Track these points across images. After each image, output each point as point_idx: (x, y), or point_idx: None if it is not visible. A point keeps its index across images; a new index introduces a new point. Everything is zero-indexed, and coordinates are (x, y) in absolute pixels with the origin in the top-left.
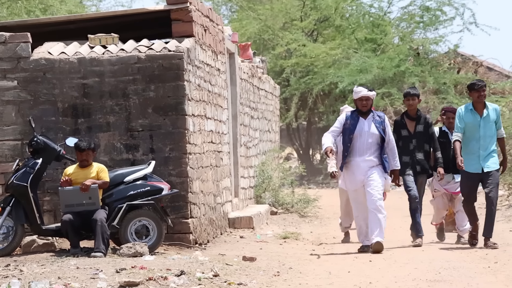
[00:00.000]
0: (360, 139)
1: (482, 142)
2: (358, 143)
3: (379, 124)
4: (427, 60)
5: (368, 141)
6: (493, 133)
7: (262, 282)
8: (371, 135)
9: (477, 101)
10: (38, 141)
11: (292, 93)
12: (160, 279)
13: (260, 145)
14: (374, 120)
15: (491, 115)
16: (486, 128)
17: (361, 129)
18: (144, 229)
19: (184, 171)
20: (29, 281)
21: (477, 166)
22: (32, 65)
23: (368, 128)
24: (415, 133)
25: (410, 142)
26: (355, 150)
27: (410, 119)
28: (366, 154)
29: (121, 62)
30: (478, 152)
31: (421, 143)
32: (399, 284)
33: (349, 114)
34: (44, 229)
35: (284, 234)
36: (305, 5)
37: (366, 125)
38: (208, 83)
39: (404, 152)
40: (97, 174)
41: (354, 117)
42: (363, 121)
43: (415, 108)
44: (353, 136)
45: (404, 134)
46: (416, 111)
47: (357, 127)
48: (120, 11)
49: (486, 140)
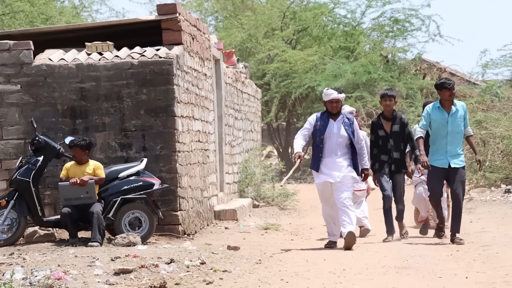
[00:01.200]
0: (330, 140)
1: (449, 138)
2: (328, 144)
3: (348, 126)
4: (395, 66)
5: (337, 143)
6: (460, 130)
7: (245, 269)
8: (340, 137)
9: (447, 99)
10: (39, 140)
11: (273, 96)
12: (152, 267)
13: (243, 143)
14: (343, 122)
15: (459, 111)
16: (453, 125)
17: (330, 131)
18: (137, 221)
19: (173, 167)
20: (31, 268)
21: (444, 161)
22: (34, 70)
23: (338, 130)
24: (391, 133)
25: (388, 141)
26: (326, 151)
27: (386, 119)
28: (336, 155)
29: (115, 68)
30: (446, 148)
31: (397, 143)
32: (370, 271)
33: (319, 115)
34: (45, 221)
35: (265, 225)
36: (285, 16)
37: (336, 127)
38: (195, 87)
39: (383, 151)
40: (93, 171)
41: (324, 119)
42: (332, 123)
43: (391, 108)
44: (324, 137)
45: (381, 134)
46: (392, 111)
47: (327, 128)
48: (114, 21)
49: (454, 136)
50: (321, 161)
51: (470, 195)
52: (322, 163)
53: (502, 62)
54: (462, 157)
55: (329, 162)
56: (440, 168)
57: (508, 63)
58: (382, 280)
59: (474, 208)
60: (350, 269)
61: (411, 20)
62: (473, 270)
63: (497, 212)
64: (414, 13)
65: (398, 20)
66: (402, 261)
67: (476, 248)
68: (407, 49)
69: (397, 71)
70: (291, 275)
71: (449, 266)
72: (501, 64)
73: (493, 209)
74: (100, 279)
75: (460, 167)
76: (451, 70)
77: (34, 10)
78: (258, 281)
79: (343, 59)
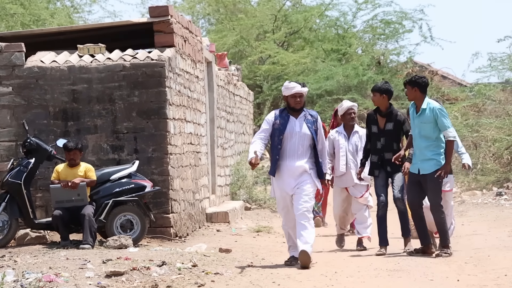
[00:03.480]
0: (291, 141)
1: (417, 142)
2: (289, 145)
3: (311, 124)
4: (387, 69)
5: (299, 143)
6: (430, 134)
7: (237, 271)
8: (303, 136)
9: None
10: (31, 142)
11: (265, 98)
12: (143, 269)
13: (235, 146)
14: (306, 120)
15: (427, 114)
16: (420, 127)
17: (292, 129)
18: (128, 223)
19: (165, 170)
20: (22, 270)
21: (415, 166)
22: (26, 72)
23: (300, 128)
24: (384, 131)
25: (378, 140)
26: (286, 153)
27: (381, 115)
28: (298, 157)
29: (107, 70)
30: (416, 152)
31: (389, 142)
32: (362, 273)
33: (277, 112)
34: (36, 223)
35: (257, 228)
36: (277, 19)
37: (298, 124)
38: (187, 89)
39: (373, 151)
40: (85, 173)
41: (284, 116)
42: (294, 121)
43: (381, 104)
44: (283, 137)
45: (373, 131)
46: (387, 107)
47: (287, 127)
48: (106, 23)
49: (420, 141)
50: (279, 165)
51: (462, 198)
52: (280, 168)
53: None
54: (433, 162)
55: (288, 167)
56: (412, 173)
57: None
58: (373, 282)
59: (466, 211)
60: (342, 272)
61: (403, 22)
62: (465, 273)
63: (489, 215)
64: (406, 16)
65: (389, 22)
66: (394, 264)
67: (468, 251)
68: (399, 51)
69: (389, 74)
70: (283, 277)
71: (441, 269)
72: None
73: (485, 212)
74: (91, 281)
75: (428, 173)
76: (443, 73)
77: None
78: (250, 284)
79: (335, 61)
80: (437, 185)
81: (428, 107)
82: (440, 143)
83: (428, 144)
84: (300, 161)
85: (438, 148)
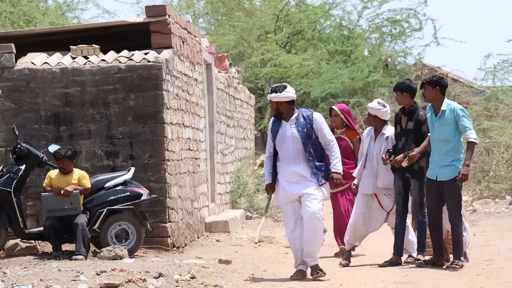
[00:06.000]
0: (284, 146)
1: (436, 146)
2: (284, 150)
3: (302, 127)
4: (395, 71)
5: (292, 147)
6: (450, 138)
7: (237, 284)
8: (293, 140)
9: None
10: (21, 148)
11: (267, 102)
12: (139, 281)
13: (236, 152)
14: (297, 123)
15: (447, 116)
16: (440, 131)
17: (283, 134)
18: (123, 233)
19: (162, 177)
20: (12, 283)
21: (433, 172)
22: (16, 74)
23: (290, 132)
24: (405, 131)
25: (400, 139)
26: (282, 159)
27: (404, 113)
28: (294, 161)
29: (102, 72)
30: (434, 157)
31: (409, 143)
32: (368, 286)
33: (274, 118)
34: (27, 233)
35: (258, 237)
36: (278, 19)
37: (288, 128)
38: (186, 92)
39: (396, 151)
40: (78, 180)
41: (277, 122)
42: (285, 125)
43: (403, 103)
44: (275, 143)
45: (397, 130)
46: (409, 105)
47: (279, 132)
48: (101, 23)
49: (440, 145)
50: (278, 171)
51: (474, 207)
52: (279, 174)
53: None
54: (453, 168)
55: (286, 171)
56: (430, 179)
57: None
58: None
59: (478, 221)
60: (348, 284)
61: (409, 20)
62: (477, 286)
63: (502, 224)
64: (412, 13)
65: (396, 21)
66: (402, 275)
67: (480, 262)
68: (408, 52)
69: (398, 76)
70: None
71: (451, 282)
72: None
73: (498, 222)
74: None
75: (447, 180)
76: (453, 76)
77: (16, 11)
78: None
79: (340, 63)
80: (456, 193)
81: (449, 108)
82: (460, 148)
83: (448, 148)
84: (296, 166)
85: (458, 153)
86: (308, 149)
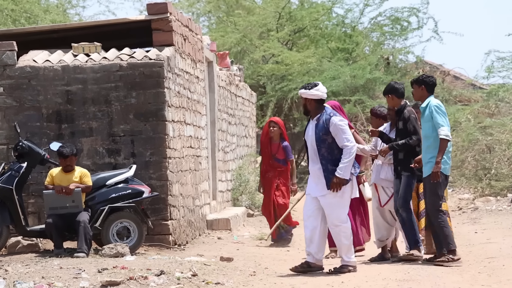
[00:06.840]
0: (308, 144)
1: (422, 143)
2: (308, 148)
3: (320, 129)
4: (397, 69)
5: (310, 147)
6: (429, 134)
7: (239, 281)
8: (312, 140)
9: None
10: (23, 145)
11: (268, 99)
12: (141, 279)
13: (237, 150)
14: (317, 124)
15: (426, 112)
16: (423, 127)
17: (307, 132)
18: (125, 230)
19: (164, 174)
20: (14, 280)
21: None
22: (18, 72)
23: (311, 131)
24: (397, 131)
25: (395, 140)
26: (309, 157)
27: (396, 114)
28: (313, 161)
29: (103, 70)
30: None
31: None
32: (370, 284)
33: None
34: (28, 231)
35: (260, 235)
36: (281, 17)
37: (311, 128)
38: (187, 90)
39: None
40: (80, 178)
41: (309, 119)
42: (310, 123)
43: (393, 104)
44: (305, 138)
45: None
46: (396, 106)
47: (306, 128)
48: (102, 21)
49: (423, 141)
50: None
51: (475, 204)
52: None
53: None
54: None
55: (310, 170)
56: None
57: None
58: None
59: (479, 218)
60: (349, 282)
61: (410, 19)
62: (478, 284)
63: (503, 222)
64: (414, 11)
65: (397, 19)
66: (404, 273)
67: (481, 260)
68: (409, 50)
69: (399, 74)
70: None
71: (453, 279)
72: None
73: (499, 219)
74: None
75: (425, 176)
76: (455, 73)
77: (18, 8)
78: None
79: (342, 61)
80: (433, 189)
81: (427, 105)
82: None
83: (428, 144)
84: (314, 166)
85: (436, 150)
86: (322, 152)
